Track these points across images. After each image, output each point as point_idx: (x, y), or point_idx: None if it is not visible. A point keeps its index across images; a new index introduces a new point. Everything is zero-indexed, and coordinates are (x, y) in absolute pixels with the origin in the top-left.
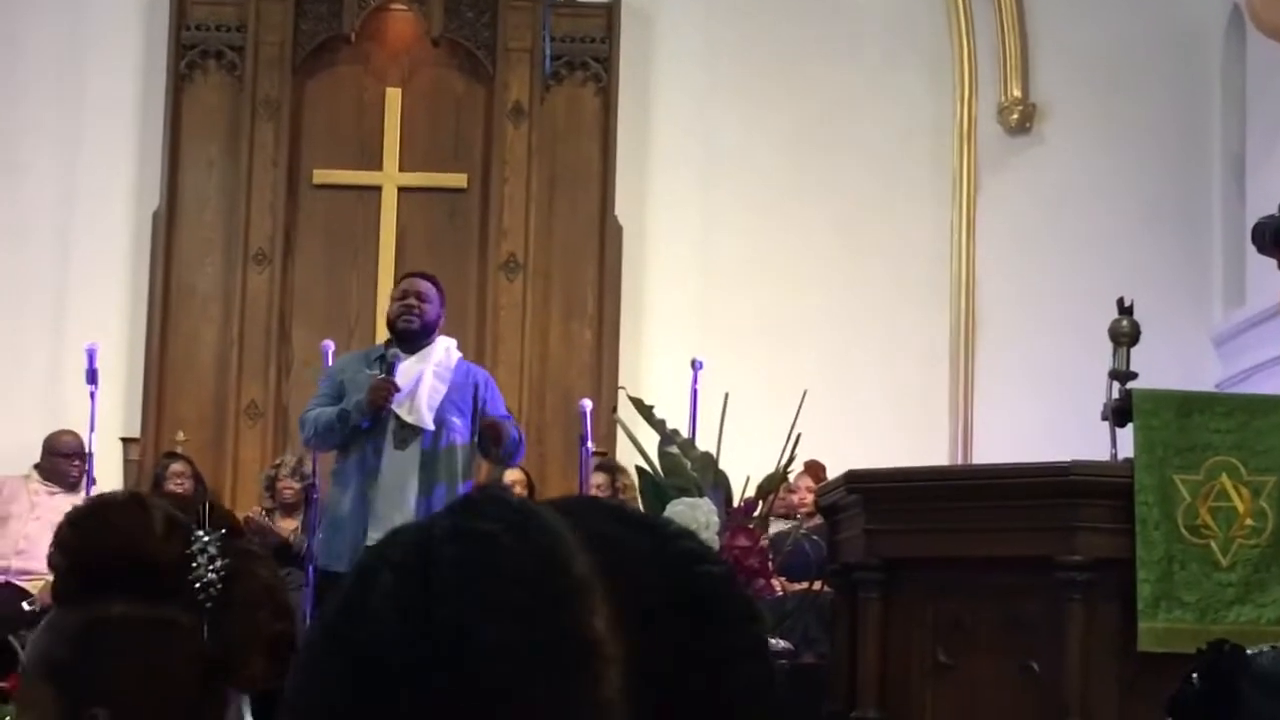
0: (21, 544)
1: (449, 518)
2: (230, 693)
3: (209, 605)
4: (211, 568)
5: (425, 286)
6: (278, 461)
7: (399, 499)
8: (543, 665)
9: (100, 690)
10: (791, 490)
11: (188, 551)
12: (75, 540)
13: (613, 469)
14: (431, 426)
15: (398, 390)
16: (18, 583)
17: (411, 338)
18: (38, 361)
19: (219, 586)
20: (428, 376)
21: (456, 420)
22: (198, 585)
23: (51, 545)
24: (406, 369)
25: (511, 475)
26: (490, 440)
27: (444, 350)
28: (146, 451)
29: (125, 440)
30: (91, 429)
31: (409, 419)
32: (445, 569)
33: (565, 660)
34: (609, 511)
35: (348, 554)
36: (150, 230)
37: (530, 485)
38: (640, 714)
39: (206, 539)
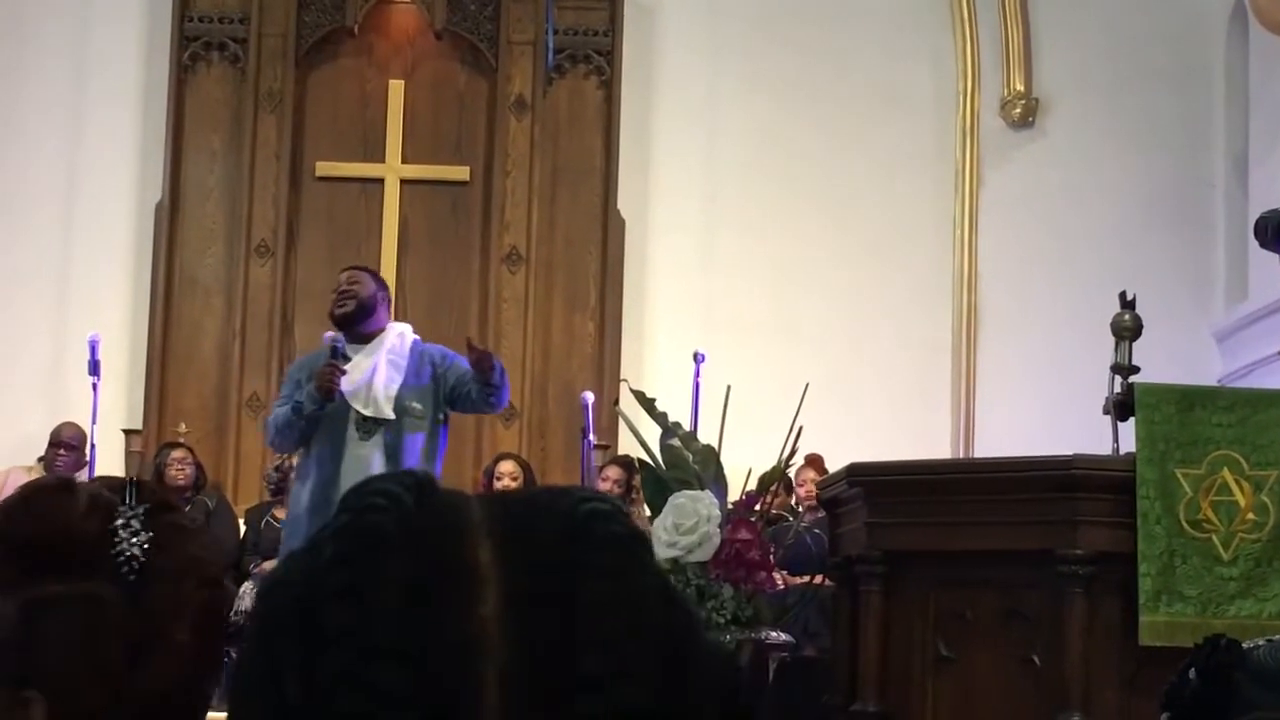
0: None
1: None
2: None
3: (131, 578)
4: (134, 541)
5: (355, 273)
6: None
7: None
8: (426, 587)
9: (34, 672)
10: (800, 484)
11: (110, 527)
12: (6, 526)
13: (628, 465)
14: (391, 415)
15: (343, 372)
16: None
17: (351, 321)
18: (40, 353)
19: (141, 560)
20: (382, 366)
21: (417, 405)
22: (120, 559)
23: None
24: (359, 363)
25: (505, 467)
26: (484, 369)
27: (396, 336)
28: (149, 443)
29: (127, 432)
30: (93, 420)
31: (368, 412)
32: (355, 520)
33: (448, 582)
34: (532, 489)
35: None
36: (153, 222)
37: (530, 477)
38: (514, 630)
39: (130, 514)
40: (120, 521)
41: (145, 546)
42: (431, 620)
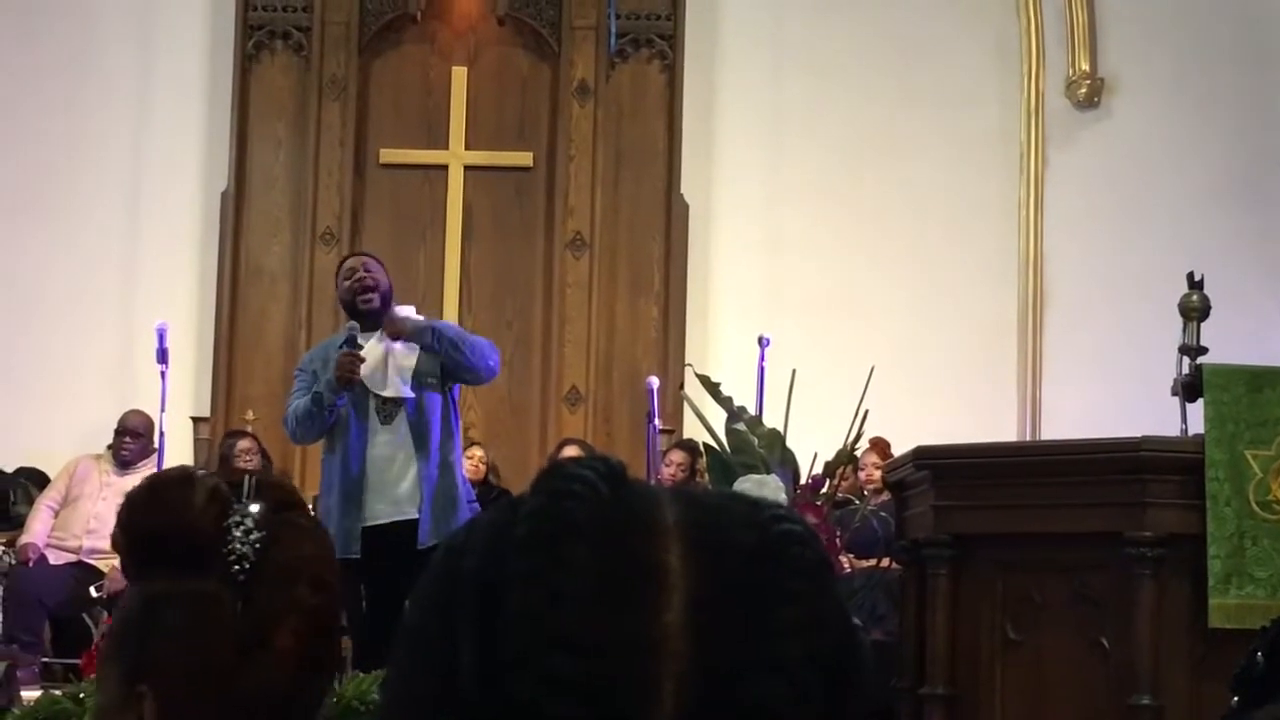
0: (92, 523)
1: (573, 465)
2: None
3: (241, 577)
4: (247, 540)
5: (369, 261)
6: None
7: (395, 470)
8: (615, 583)
9: (147, 667)
10: (861, 469)
11: (225, 524)
12: (129, 518)
13: (692, 449)
14: (412, 395)
15: (362, 360)
16: (90, 561)
17: (374, 316)
18: (108, 341)
19: (252, 559)
20: (396, 348)
21: (432, 379)
22: (231, 557)
23: (115, 525)
24: (372, 348)
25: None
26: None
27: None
28: (216, 430)
29: (195, 419)
30: (162, 408)
31: (388, 394)
32: (547, 505)
33: (636, 582)
34: (723, 491)
35: (342, 540)
36: (219, 210)
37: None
38: (697, 641)
39: (244, 511)
40: (235, 519)
41: (257, 546)
42: (616, 618)
